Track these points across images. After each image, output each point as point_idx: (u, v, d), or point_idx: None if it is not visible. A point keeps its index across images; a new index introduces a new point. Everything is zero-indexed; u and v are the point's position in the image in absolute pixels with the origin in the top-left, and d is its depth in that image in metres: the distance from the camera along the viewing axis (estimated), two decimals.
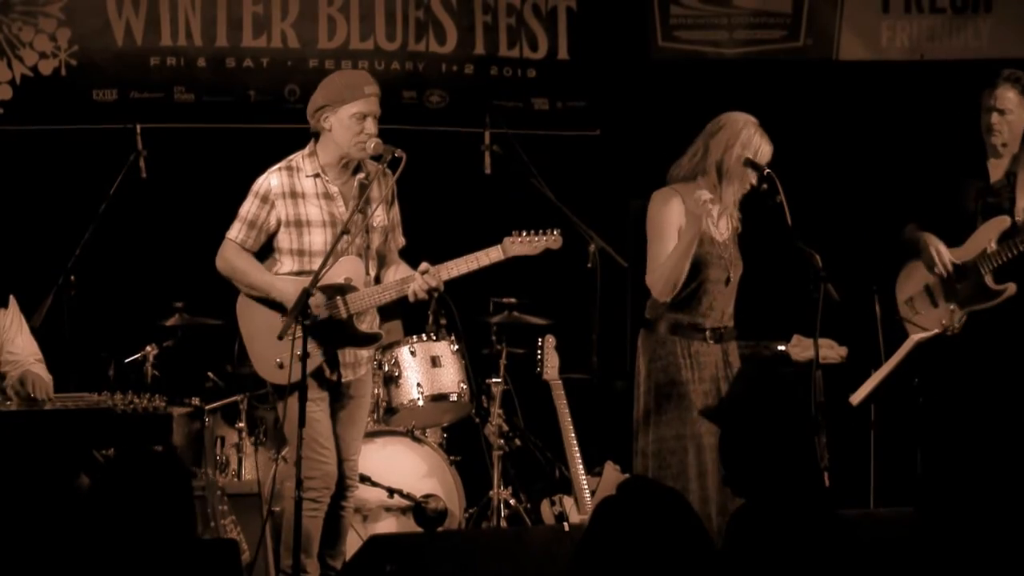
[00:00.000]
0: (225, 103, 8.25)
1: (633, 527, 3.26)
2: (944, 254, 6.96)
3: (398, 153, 6.06)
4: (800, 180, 6.50)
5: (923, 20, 8.84)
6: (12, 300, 6.41)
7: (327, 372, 6.17)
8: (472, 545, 6.05)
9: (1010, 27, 8.79)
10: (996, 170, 7.06)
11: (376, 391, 7.16)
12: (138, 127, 7.25)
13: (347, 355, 6.22)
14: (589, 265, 7.02)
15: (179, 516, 3.86)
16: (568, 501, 7.00)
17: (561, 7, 8.68)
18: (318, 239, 6.15)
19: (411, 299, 6.17)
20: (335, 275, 6.10)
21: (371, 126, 6.12)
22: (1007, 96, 6.96)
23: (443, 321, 7.35)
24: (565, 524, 6.73)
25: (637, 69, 8.72)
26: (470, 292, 7.21)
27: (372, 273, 6.25)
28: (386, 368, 7.14)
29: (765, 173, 6.11)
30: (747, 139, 6.18)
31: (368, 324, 6.27)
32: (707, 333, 6.19)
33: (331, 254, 6.03)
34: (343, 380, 6.23)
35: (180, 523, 3.86)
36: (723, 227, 6.28)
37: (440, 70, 8.53)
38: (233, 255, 6.21)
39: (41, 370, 6.30)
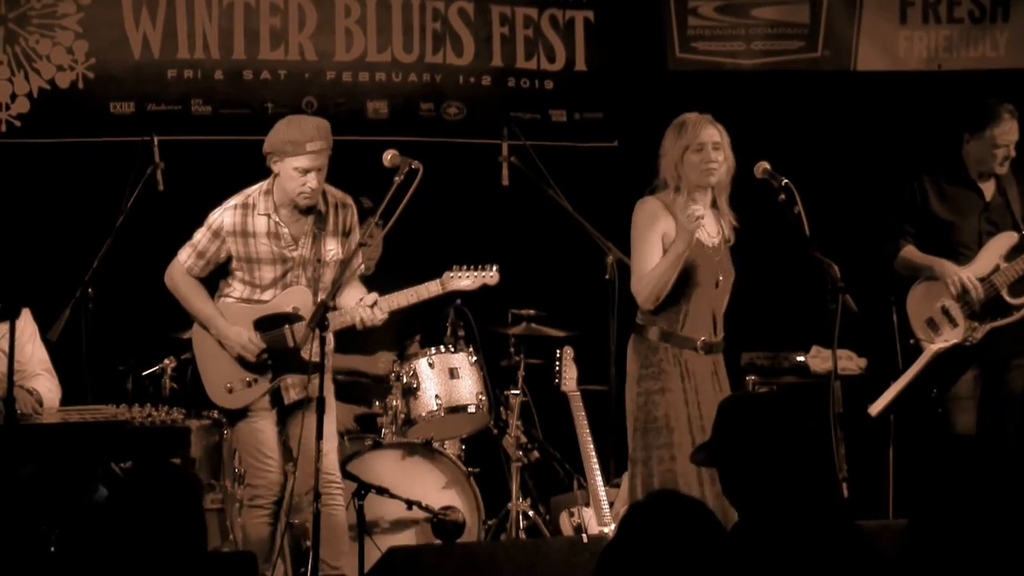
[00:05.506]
0: (242, 115, 8.24)
1: (660, 537, 3.24)
2: (971, 281, 6.98)
3: (415, 165, 6.07)
4: (818, 191, 6.49)
5: (941, 30, 8.82)
6: (26, 312, 6.40)
7: (282, 395, 6.35)
8: (491, 557, 6.03)
9: None
10: (984, 186, 7.18)
11: (395, 403, 7.16)
12: (155, 139, 7.25)
13: (289, 377, 6.34)
14: (607, 276, 7.02)
15: (191, 530, 3.86)
16: (587, 512, 6.98)
17: (579, 19, 8.68)
18: (268, 274, 6.31)
19: (359, 328, 6.26)
20: (283, 304, 6.29)
21: (313, 180, 6.18)
22: (1013, 129, 7.08)
23: (461, 333, 7.35)
24: (584, 536, 6.73)
25: (655, 80, 8.71)
26: (488, 304, 7.20)
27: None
28: (404, 379, 7.14)
29: (783, 184, 6.07)
30: (689, 140, 6.10)
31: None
32: (698, 343, 6.10)
33: (339, 281, 6.14)
34: (286, 403, 6.37)
35: (192, 537, 3.86)
36: (714, 232, 6.18)
37: (458, 82, 8.53)
38: (180, 278, 6.39)
39: (45, 381, 6.29)
